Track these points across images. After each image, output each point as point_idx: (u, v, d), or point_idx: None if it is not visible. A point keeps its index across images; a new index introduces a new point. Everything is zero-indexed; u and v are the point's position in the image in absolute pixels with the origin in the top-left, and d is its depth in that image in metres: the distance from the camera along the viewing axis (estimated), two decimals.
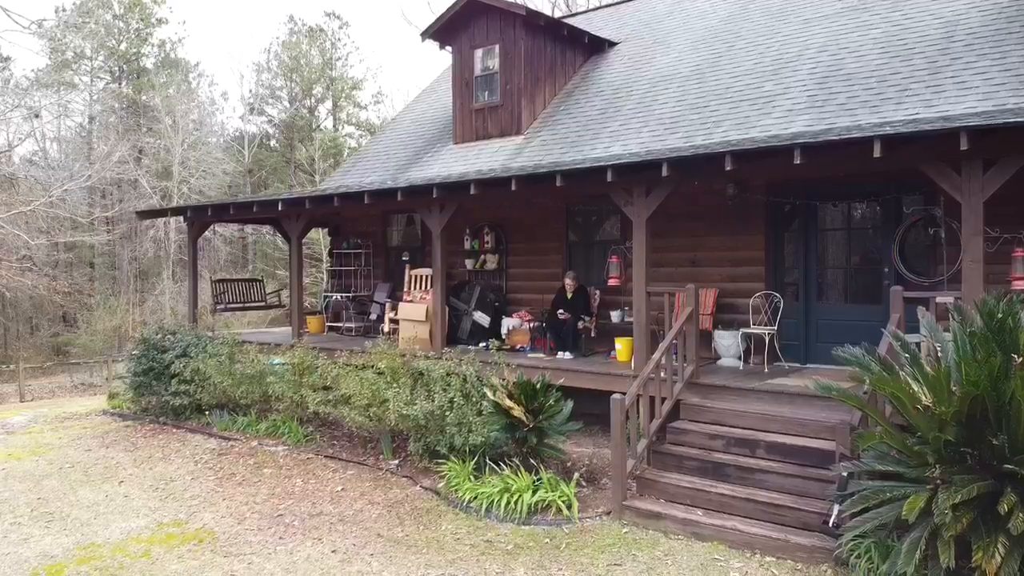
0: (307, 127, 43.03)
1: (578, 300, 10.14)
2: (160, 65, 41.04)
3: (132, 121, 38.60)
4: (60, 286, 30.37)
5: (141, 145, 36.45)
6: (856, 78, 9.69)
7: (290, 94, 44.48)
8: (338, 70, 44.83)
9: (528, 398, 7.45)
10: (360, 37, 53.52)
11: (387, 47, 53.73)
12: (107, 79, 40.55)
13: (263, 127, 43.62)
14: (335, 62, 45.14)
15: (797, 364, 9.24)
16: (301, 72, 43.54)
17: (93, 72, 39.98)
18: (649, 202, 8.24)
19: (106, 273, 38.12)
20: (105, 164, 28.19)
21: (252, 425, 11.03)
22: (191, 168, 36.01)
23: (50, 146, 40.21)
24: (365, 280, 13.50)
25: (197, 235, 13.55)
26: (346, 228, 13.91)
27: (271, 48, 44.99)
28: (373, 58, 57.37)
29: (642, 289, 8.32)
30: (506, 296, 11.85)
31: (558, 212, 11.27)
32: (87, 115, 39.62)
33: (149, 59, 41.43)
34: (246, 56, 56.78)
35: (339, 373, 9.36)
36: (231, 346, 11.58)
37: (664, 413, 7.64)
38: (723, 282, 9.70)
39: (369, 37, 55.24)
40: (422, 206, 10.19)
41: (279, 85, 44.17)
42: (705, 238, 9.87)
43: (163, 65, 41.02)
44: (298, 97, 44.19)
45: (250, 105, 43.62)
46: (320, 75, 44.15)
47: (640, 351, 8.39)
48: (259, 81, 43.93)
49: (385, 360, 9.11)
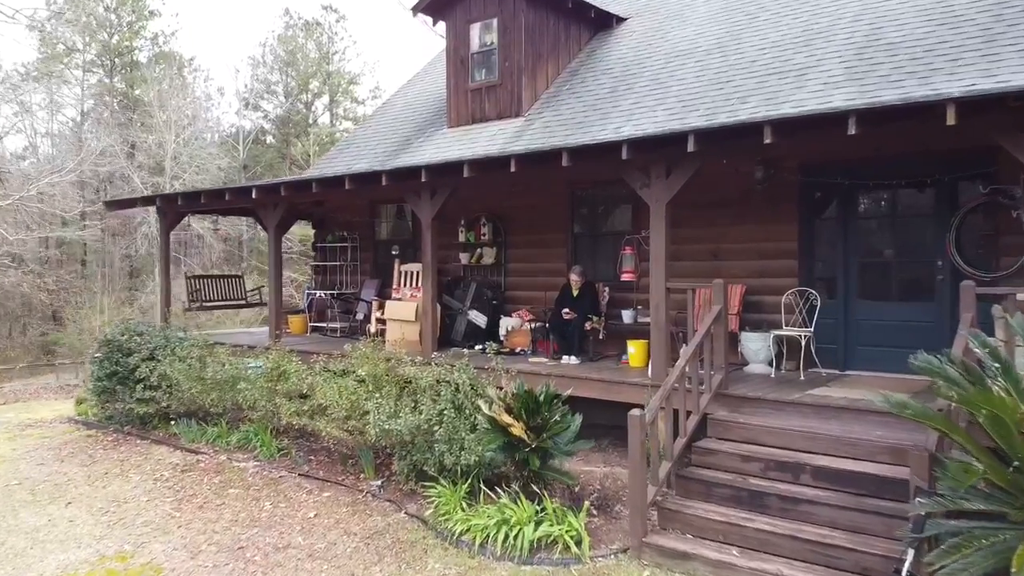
0: (303, 122, 41.88)
1: (585, 298, 8.94)
2: (154, 59, 39.94)
3: (124, 116, 37.48)
4: (46, 284, 29.23)
5: (133, 140, 35.32)
6: (899, 48, 8.48)
7: (286, 89, 43.35)
8: (335, 64, 43.71)
9: (530, 413, 6.25)
10: (358, 31, 52.28)
11: (385, 41, 52.50)
12: (100, 73, 39.43)
13: (258, 122, 42.46)
14: (332, 56, 44.03)
15: (835, 370, 8.05)
16: (297, 66, 42.50)
17: (85, 66, 38.86)
18: (670, 184, 7.05)
19: (98, 271, 36.97)
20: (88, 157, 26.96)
21: (222, 436, 9.83)
22: (184, 164, 34.82)
23: (41, 141, 39.15)
24: (352, 276, 12.30)
25: (170, 227, 12.35)
26: (331, 220, 12.71)
27: (267, 42, 43.93)
28: (371, 53, 56.11)
29: (661, 285, 7.12)
30: (505, 293, 10.66)
31: (563, 200, 10.07)
32: (79, 110, 38.54)
33: (142, 53, 40.28)
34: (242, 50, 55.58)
35: (314, 381, 8.17)
36: (202, 348, 10.38)
37: (690, 431, 6.44)
38: (750, 277, 8.50)
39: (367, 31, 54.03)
40: (410, 193, 8.99)
41: (275, 80, 43.08)
42: (729, 228, 8.67)
43: (156, 59, 39.91)
44: (294, 92, 43.06)
45: (245, 100, 42.49)
46: (317, 69, 43.05)
47: (658, 356, 7.20)
48: (254, 76, 42.84)
49: (366, 366, 7.91)
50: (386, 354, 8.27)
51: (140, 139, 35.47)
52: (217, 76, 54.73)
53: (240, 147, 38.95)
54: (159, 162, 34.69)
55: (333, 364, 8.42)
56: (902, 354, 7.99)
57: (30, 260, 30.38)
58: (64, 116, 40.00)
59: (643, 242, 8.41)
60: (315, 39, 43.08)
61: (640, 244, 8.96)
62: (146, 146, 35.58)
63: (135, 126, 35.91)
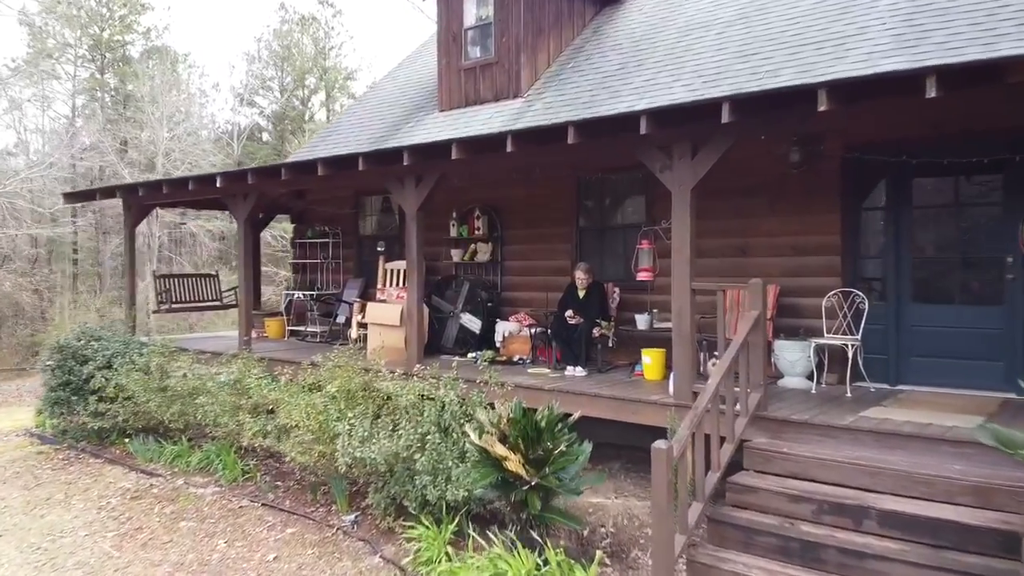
0: (299, 118, 40.74)
1: (592, 299, 7.75)
2: (147, 54, 38.87)
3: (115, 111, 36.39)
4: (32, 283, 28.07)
5: (124, 136, 34.19)
6: (954, 12, 7.28)
7: (281, 84, 42.26)
8: (332, 60, 42.62)
9: (529, 442, 5.06)
10: (355, 26, 50.96)
11: (383, 36, 51.26)
12: (91, 68, 38.31)
13: (254, 119, 41.32)
14: (329, 52, 42.97)
15: (884, 385, 6.86)
16: (293, 62, 41.45)
17: (76, 61, 37.74)
18: (696, 165, 5.85)
19: (89, 270, 35.82)
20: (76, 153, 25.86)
21: (183, 456, 8.65)
22: (176, 161, 33.65)
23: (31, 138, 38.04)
24: (333, 275, 11.12)
25: (135, 221, 11.16)
26: (312, 214, 11.51)
27: (262, 37, 42.84)
28: (368, 48, 54.80)
29: (685, 285, 5.93)
30: (501, 294, 9.47)
31: (567, 189, 8.88)
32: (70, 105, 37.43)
33: (134, 47, 39.17)
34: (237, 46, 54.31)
35: (279, 396, 6.99)
36: (163, 356, 9.20)
37: (724, 463, 5.25)
38: (784, 277, 7.31)
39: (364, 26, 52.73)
40: (392, 180, 7.79)
41: (270, 75, 42.02)
42: (759, 219, 7.48)
43: (149, 54, 38.85)
44: (289, 88, 41.96)
45: (240, 96, 41.39)
46: (313, 65, 41.98)
47: (682, 370, 6.00)
48: (250, 71, 41.80)
49: (338, 379, 6.72)
50: (363, 365, 7.08)
51: (132, 135, 34.35)
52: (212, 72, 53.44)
53: (235, 144, 37.76)
54: (151, 158, 33.49)
55: (303, 376, 7.23)
56: (964, 367, 6.89)
57: (16, 258, 29.26)
58: (55, 112, 38.95)
59: (663, 235, 7.22)
60: (311, 34, 42.05)
61: (659, 237, 7.76)
62: (138, 142, 34.45)
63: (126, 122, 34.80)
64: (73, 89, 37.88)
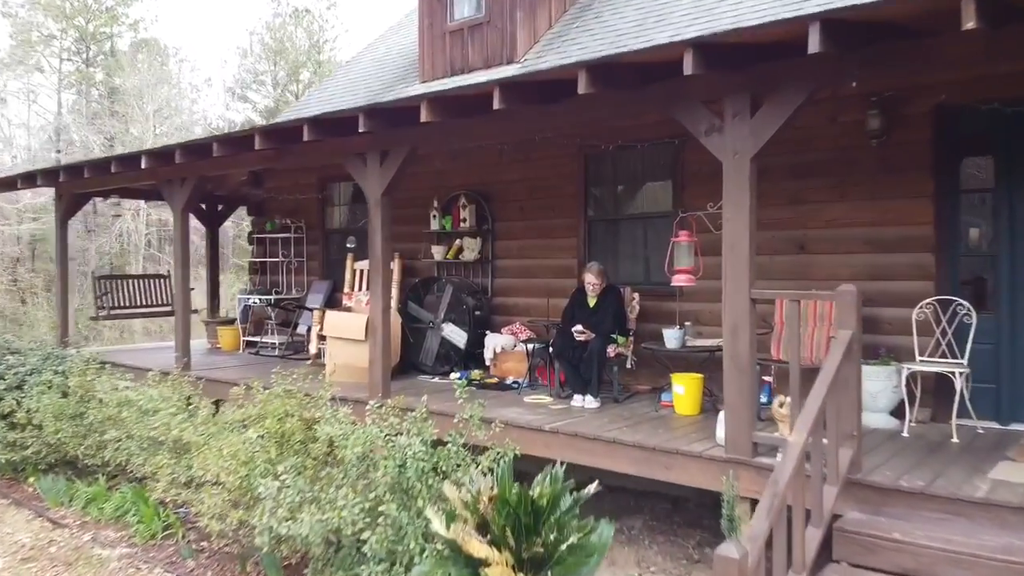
0: None
1: (606, 309, 5.98)
2: (135, 47, 37.24)
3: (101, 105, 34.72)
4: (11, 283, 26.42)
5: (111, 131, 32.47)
6: None
7: (274, 79, 40.61)
8: (326, 53, 40.97)
9: (522, 532, 3.30)
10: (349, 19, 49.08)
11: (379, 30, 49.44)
12: (77, 62, 36.64)
13: (247, 114, 39.60)
14: (323, 45, 41.34)
15: (993, 424, 5.11)
16: (287, 55, 39.85)
17: (61, 54, 36.06)
18: (758, 125, 4.10)
19: (76, 270, 34.16)
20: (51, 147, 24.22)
21: (97, 501, 6.87)
22: None
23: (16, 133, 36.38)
24: (297, 276, 9.37)
25: (68, 211, 9.41)
26: (272, 204, 9.74)
27: (255, 31, 41.30)
28: (363, 41, 52.99)
29: (743, 291, 4.18)
30: (492, 300, 7.71)
31: (573, 169, 7.11)
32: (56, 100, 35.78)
33: (122, 40, 37.51)
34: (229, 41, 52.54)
35: (192, 440, 5.24)
36: (82, 375, 7.47)
37: (812, 558, 3.49)
38: (856, 280, 5.53)
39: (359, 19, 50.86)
40: (351, 156, 6.03)
41: (263, 69, 40.39)
42: (822, 206, 5.72)
43: (137, 48, 37.22)
44: (283, 82, 40.29)
45: (231, 91, 39.77)
46: (307, 59, 40.34)
47: (738, 410, 4.24)
48: (242, 66, 40.20)
49: (271, 416, 4.97)
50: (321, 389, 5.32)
51: (119, 131, 32.65)
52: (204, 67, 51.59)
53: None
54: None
55: (244, 404, 5.46)
56: None
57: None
58: (40, 107, 37.32)
59: (710, 225, 5.42)
60: (305, 27, 40.46)
61: (701, 227, 5.96)
62: (125, 138, 32.76)
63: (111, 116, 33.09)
64: (59, 83, 36.27)
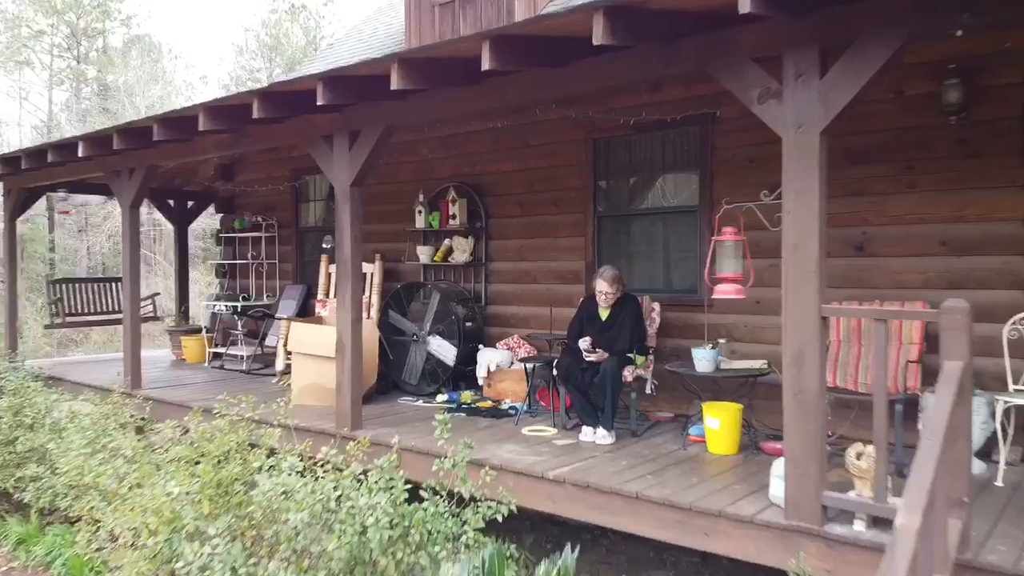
0: None
1: (623, 323, 4.92)
2: (128, 44, 36.34)
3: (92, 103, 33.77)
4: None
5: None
6: None
7: (270, 76, 39.70)
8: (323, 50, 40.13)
9: None
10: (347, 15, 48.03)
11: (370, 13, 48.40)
12: (68, 58, 35.69)
13: None
14: (320, 41, 40.47)
15: None
16: (283, 52, 38.98)
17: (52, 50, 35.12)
18: (830, 89, 3.08)
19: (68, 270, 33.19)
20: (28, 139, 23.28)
21: (28, 542, 5.87)
22: None
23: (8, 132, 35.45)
24: (268, 280, 8.33)
25: (15, 207, 8.38)
26: (242, 200, 8.69)
27: (251, 28, 40.48)
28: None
29: (811, 306, 3.13)
30: (486, 309, 6.66)
31: (579, 157, 6.05)
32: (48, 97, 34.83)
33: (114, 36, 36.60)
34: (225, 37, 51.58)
35: (112, 489, 4.22)
36: (18, 395, 6.47)
37: None
38: (930, 289, 4.51)
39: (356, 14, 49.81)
40: (314, 139, 5.00)
41: (258, 67, 39.50)
42: (886, 198, 4.67)
43: (130, 45, 36.33)
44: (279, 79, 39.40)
45: (227, 88, 38.84)
46: (303, 56, 39.42)
47: (803, 464, 3.19)
48: (238, 63, 39.34)
49: (205, 458, 3.94)
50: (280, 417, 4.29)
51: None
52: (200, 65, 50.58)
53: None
54: None
55: (165, 445, 4.43)
56: None
57: None
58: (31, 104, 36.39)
59: (766, 220, 4.27)
60: (301, 23, 39.60)
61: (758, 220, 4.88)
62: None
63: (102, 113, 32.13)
64: (50, 80, 35.35)
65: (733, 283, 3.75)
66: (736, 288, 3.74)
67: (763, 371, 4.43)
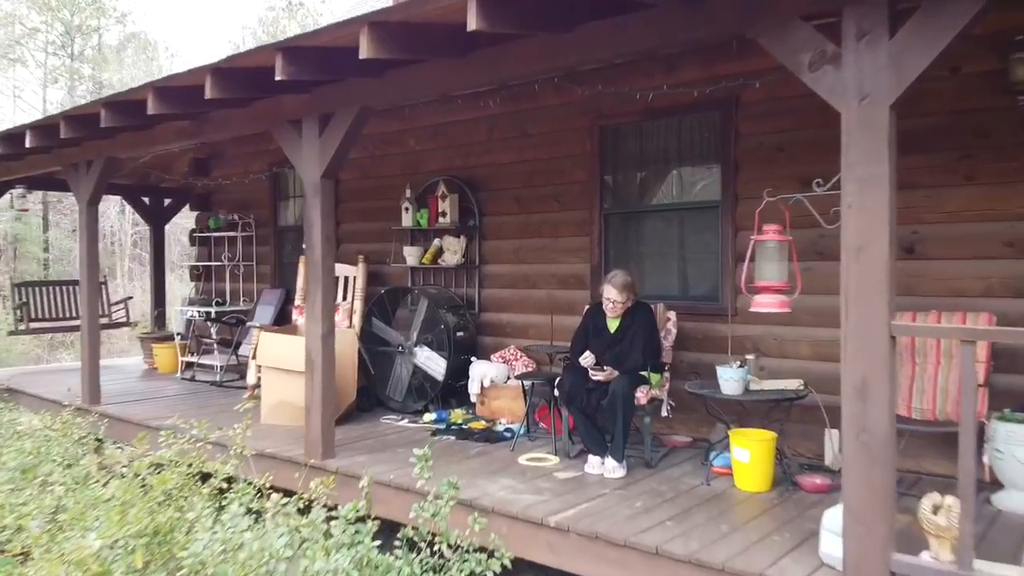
0: None
1: (634, 336, 4.26)
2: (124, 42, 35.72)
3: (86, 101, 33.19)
4: None
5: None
6: None
7: None
8: None
9: None
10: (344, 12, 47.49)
11: None
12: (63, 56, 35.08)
13: None
14: None
15: None
16: None
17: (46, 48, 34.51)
18: (903, 53, 2.43)
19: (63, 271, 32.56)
20: None
21: None
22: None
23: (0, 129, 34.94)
24: (246, 283, 7.68)
25: None
26: (218, 197, 8.05)
27: (247, 26, 39.85)
28: None
29: (881, 321, 2.48)
30: (480, 317, 6.01)
31: (583, 147, 5.38)
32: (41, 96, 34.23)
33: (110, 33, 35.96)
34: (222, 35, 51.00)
35: (33, 536, 3.56)
36: None
37: None
38: (994, 298, 3.86)
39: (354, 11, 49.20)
40: (280, 122, 4.36)
41: None
42: (940, 191, 4.03)
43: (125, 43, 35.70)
44: None
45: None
46: None
47: (864, 518, 2.52)
48: None
49: (139, 503, 3.29)
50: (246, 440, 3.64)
51: None
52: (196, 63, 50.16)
53: None
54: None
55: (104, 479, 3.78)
56: None
57: None
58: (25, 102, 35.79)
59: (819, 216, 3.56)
60: (299, 21, 39.00)
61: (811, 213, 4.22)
62: None
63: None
64: (44, 78, 34.73)
65: (776, 293, 3.08)
66: (779, 300, 3.06)
67: (800, 393, 3.78)
